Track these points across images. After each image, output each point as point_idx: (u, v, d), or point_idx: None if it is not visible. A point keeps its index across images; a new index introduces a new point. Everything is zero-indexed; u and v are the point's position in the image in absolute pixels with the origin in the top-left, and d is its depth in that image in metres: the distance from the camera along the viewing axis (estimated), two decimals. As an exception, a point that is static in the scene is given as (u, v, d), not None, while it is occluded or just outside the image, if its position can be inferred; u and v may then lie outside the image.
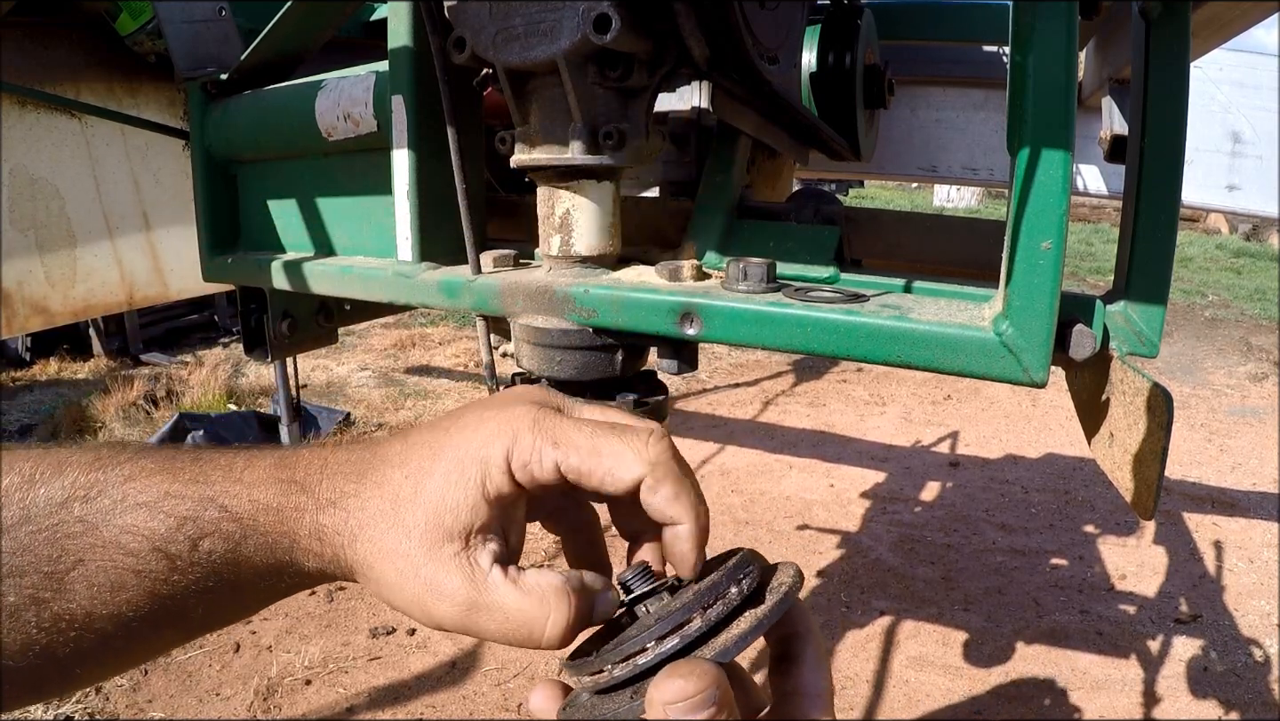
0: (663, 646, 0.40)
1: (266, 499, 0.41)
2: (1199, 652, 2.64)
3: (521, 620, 0.41)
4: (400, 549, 0.40)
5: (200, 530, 0.40)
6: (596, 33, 0.56)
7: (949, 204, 12.78)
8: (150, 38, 1.17)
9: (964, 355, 0.55)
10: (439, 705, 2.35)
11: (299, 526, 0.42)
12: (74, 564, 0.38)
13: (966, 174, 1.55)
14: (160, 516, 0.39)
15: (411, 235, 0.83)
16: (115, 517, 0.39)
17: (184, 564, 0.40)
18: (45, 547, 0.37)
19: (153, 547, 0.39)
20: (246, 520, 0.41)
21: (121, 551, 0.39)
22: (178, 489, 0.40)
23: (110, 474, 0.40)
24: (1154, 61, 0.65)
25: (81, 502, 0.39)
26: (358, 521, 0.41)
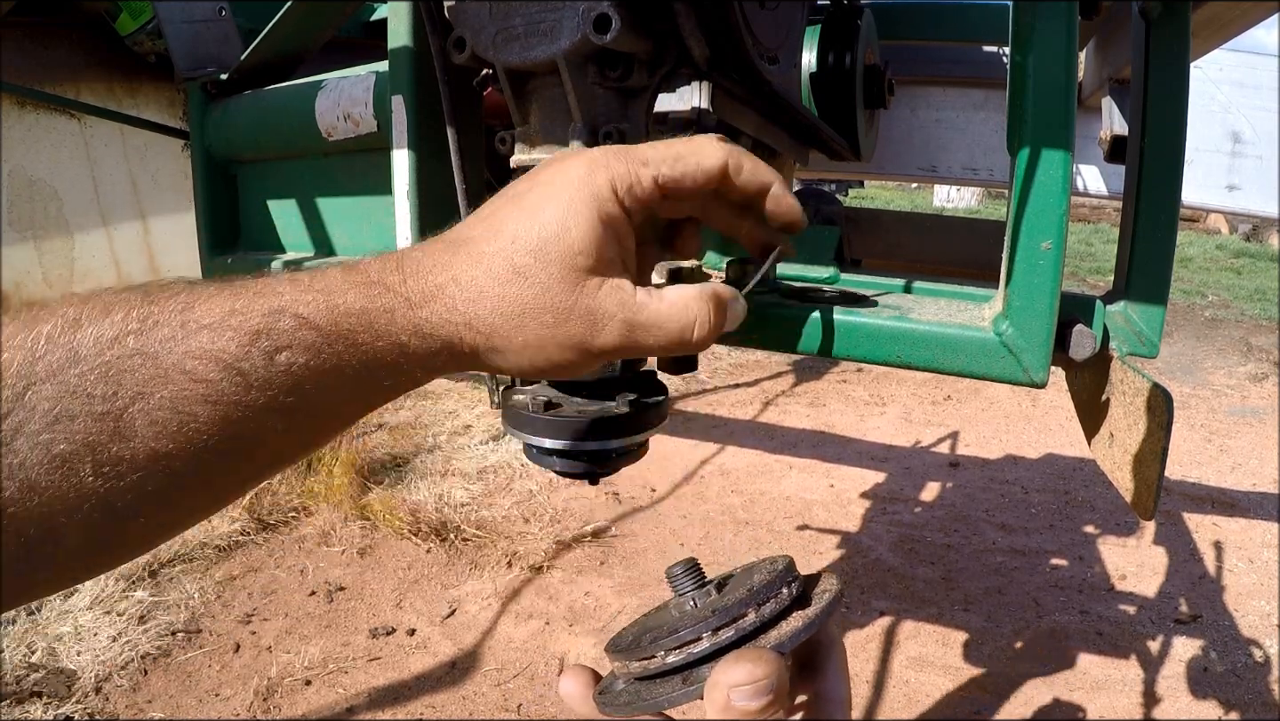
0: (719, 636, 0.42)
1: (347, 303, 0.39)
2: (1199, 652, 2.64)
3: (675, 326, 0.43)
4: (541, 302, 0.41)
5: (275, 343, 0.37)
6: (596, 33, 0.56)
7: (949, 204, 12.78)
8: (150, 38, 1.17)
9: (964, 355, 0.55)
10: (439, 705, 2.35)
11: (393, 326, 0.40)
12: (132, 399, 0.34)
13: (966, 174, 1.55)
14: (228, 334, 0.36)
15: (411, 235, 0.83)
16: (177, 345, 0.35)
17: (260, 380, 0.36)
18: (98, 386, 0.34)
19: (224, 367, 0.36)
20: (326, 327, 0.38)
21: (187, 378, 0.35)
22: (243, 305, 0.37)
23: (164, 305, 0.36)
24: (1154, 61, 0.65)
25: (136, 336, 0.35)
26: (474, 297, 0.41)
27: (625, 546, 3.24)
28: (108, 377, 0.34)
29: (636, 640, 0.46)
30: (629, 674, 0.45)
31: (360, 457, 3.60)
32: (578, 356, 0.43)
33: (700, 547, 3.25)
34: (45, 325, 0.34)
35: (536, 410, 0.67)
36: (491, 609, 2.80)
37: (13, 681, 2.27)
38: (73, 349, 0.34)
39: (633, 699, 0.43)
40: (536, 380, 0.43)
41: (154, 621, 2.62)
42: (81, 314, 0.35)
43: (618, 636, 0.49)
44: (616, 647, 0.47)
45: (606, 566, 3.10)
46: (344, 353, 0.39)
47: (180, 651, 2.52)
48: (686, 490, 3.75)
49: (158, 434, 0.35)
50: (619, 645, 0.47)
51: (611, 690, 0.45)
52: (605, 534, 3.33)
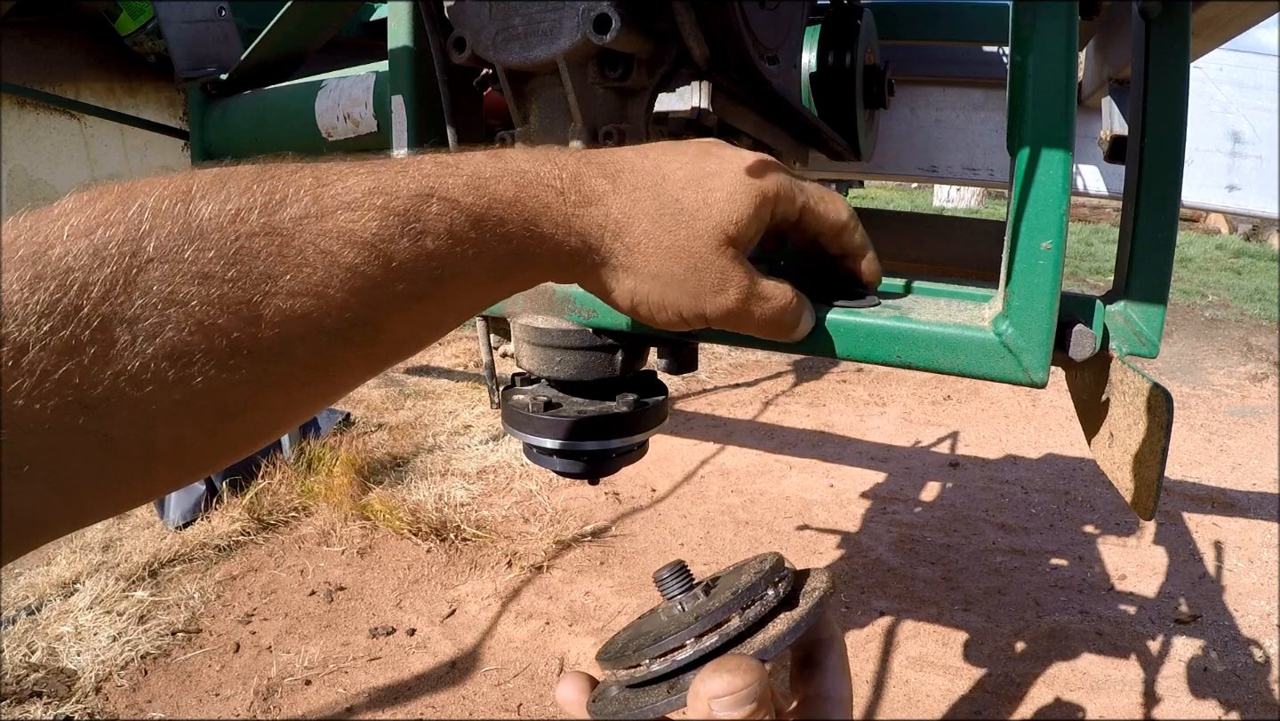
0: (702, 643, 0.41)
1: (500, 190, 0.38)
2: (1199, 652, 2.64)
3: (780, 304, 0.49)
4: (690, 247, 0.45)
5: (423, 225, 0.35)
6: (596, 33, 0.56)
7: (949, 204, 12.78)
8: (150, 38, 1.17)
9: (964, 355, 0.55)
10: (439, 705, 2.35)
11: (544, 220, 0.40)
12: (259, 280, 0.31)
13: (966, 174, 1.55)
14: (371, 214, 0.33)
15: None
16: (312, 224, 0.32)
17: (404, 264, 0.34)
18: (218, 266, 0.30)
19: (368, 249, 0.33)
20: (479, 213, 0.36)
21: (326, 259, 0.32)
22: (386, 183, 0.35)
23: (290, 181, 0.33)
24: (1154, 61, 0.65)
25: (262, 211, 0.32)
26: (626, 217, 0.43)
27: (625, 546, 3.24)
28: (229, 257, 0.30)
29: (625, 647, 0.45)
30: (619, 681, 0.45)
31: (360, 457, 3.60)
32: (693, 306, 0.46)
33: (700, 547, 3.25)
34: (147, 197, 0.30)
35: (536, 410, 0.67)
36: (491, 609, 2.80)
37: (13, 681, 2.27)
38: (187, 224, 0.30)
39: (620, 707, 0.43)
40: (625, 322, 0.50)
41: (154, 621, 2.62)
42: (193, 186, 0.31)
43: (609, 643, 0.48)
44: (606, 655, 0.46)
45: (606, 566, 3.10)
46: (491, 240, 0.37)
47: (180, 651, 2.52)
48: (686, 490, 3.75)
49: (285, 319, 0.31)
50: (608, 653, 0.47)
51: (605, 696, 0.45)
52: (605, 534, 3.33)
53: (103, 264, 0.28)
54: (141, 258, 0.28)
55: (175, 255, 0.29)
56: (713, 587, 0.46)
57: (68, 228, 0.28)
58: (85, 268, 0.27)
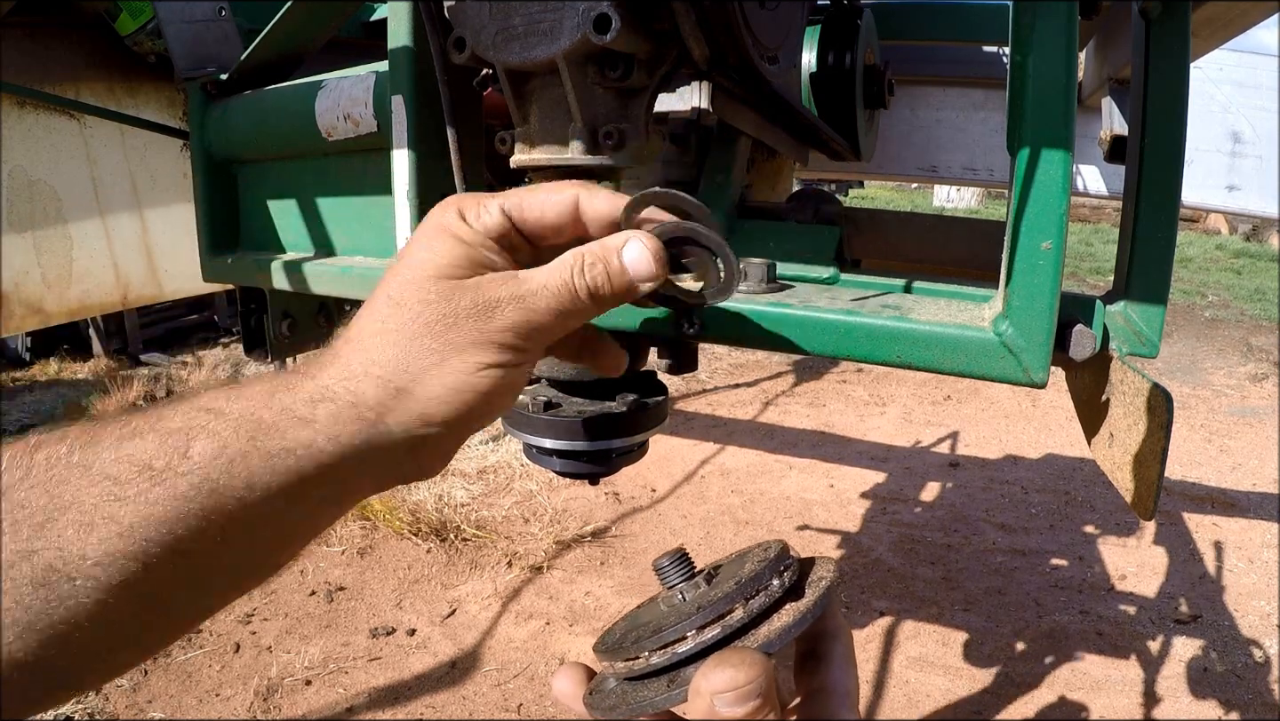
0: (704, 635, 0.39)
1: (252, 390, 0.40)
2: (1199, 653, 2.64)
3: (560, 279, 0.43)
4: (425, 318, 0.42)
5: (189, 437, 0.38)
6: (596, 33, 0.56)
7: (949, 204, 12.78)
8: (150, 38, 1.17)
9: (964, 355, 0.55)
10: (439, 705, 2.35)
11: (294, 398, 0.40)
12: (65, 507, 0.35)
13: (966, 174, 1.55)
14: (151, 436, 0.38)
15: (411, 235, 0.83)
16: (109, 453, 0.37)
17: (170, 475, 0.37)
18: (39, 498, 0.35)
19: (140, 467, 0.37)
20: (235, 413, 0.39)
21: (111, 481, 0.36)
22: (170, 410, 0.39)
23: (111, 425, 0.38)
24: (1154, 61, 0.65)
25: (81, 450, 0.37)
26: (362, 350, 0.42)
27: (625, 546, 3.24)
28: (48, 490, 0.36)
29: (623, 638, 0.43)
30: (617, 673, 0.43)
31: (360, 457, 3.60)
32: (486, 353, 0.42)
33: (700, 547, 3.25)
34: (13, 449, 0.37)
35: (537, 410, 0.67)
36: (491, 609, 2.80)
37: (13, 681, 2.27)
38: (26, 466, 0.36)
39: (618, 701, 0.41)
40: (467, 424, 0.43)
41: (154, 621, 2.62)
42: (39, 439, 0.38)
43: (606, 634, 0.46)
44: (604, 646, 0.44)
45: (606, 566, 3.10)
46: (253, 437, 0.39)
47: (180, 651, 2.52)
48: (686, 490, 3.75)
49: (83, 538, 0.35)
50: (606, 643, 0.45)
51: (602, 689, 0.44)
52: (605, 534, 3.33)
53: None
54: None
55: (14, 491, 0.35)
56: (715, 576, 0.44)
57: None
58: None
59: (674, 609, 0.43)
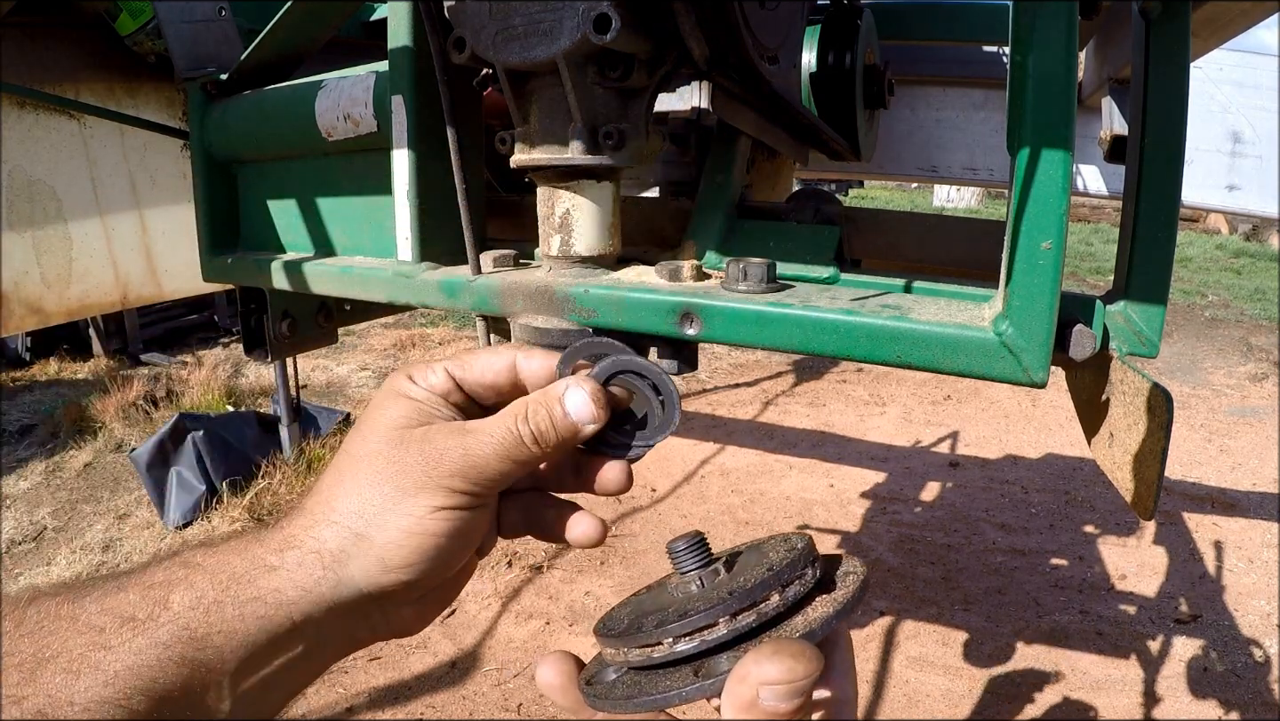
0: (738, 622, 0.36)
1: (228, 544, 0.43)
2: (1199, 652, 2.64)
3: (503, 425, 0.45)
4: (376, 466, 0.44)
5: (168, 589, 0.41)
6: (596, 33, 0.56)
7: (949, 204, 12.78)
8: (150, 38, 1.16)
9: (964, 355, 0.55)
10: (439, 705, 2.35)
11: (264, 547, 0.43)
12: (53, 656, 0.38)
13: (966, 174, 1.55)
14: (134, 589, 0.41)
15: (411, 235, 0.83)
16: (95, 605, 0.40)
17: (150, 625, 0.39)
18: (27, 646, 0.38)
19: (123, 619, 0.39)
20: (211, 566, 0.42)
21: (95, 631, 0.38)
22: (152, 568, 0.42)
23: (98, 583, 0.41)
24: (1154, 61, 0.65)
25: (70, 603, 0.40)
26: (323, 502, 0.45)
27: (625, 546, 3.24)
28: (35, 639, 0.38)
29: (635, 624, 0.39)
30: (624, 662, 0.39)
31: (360, 457, 3.60)
32: (435, 496, 0.43)
33: (700, 547, 3.25)
34: (10, 602, 0.39)
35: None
36: (491, 608, 2.80)
37: (13, 681, 2.27)
38: (20, 619, 0.38)
39: (632, 692, 0.37)
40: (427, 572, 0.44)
41: (154, 621, 2.62)
42: (39, 592, 0.40)
43: (609, 618, 0.43)
44: (610, 631, 0.40)
45: (606, 566, 3.10)
46: (226, 587, 0.41)
47: (180, 651, 2.52)
48: (686, 490, 3.75)
49: (69, 685, 0.37)
50: (612, 628, 0.41)
51: (601, 680, 0.40)
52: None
53: None
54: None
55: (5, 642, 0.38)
56: (733, 565, 0.42)
57: None
58: None
59: (694, 595, 0.40)
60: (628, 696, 0.37)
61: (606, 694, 0.38)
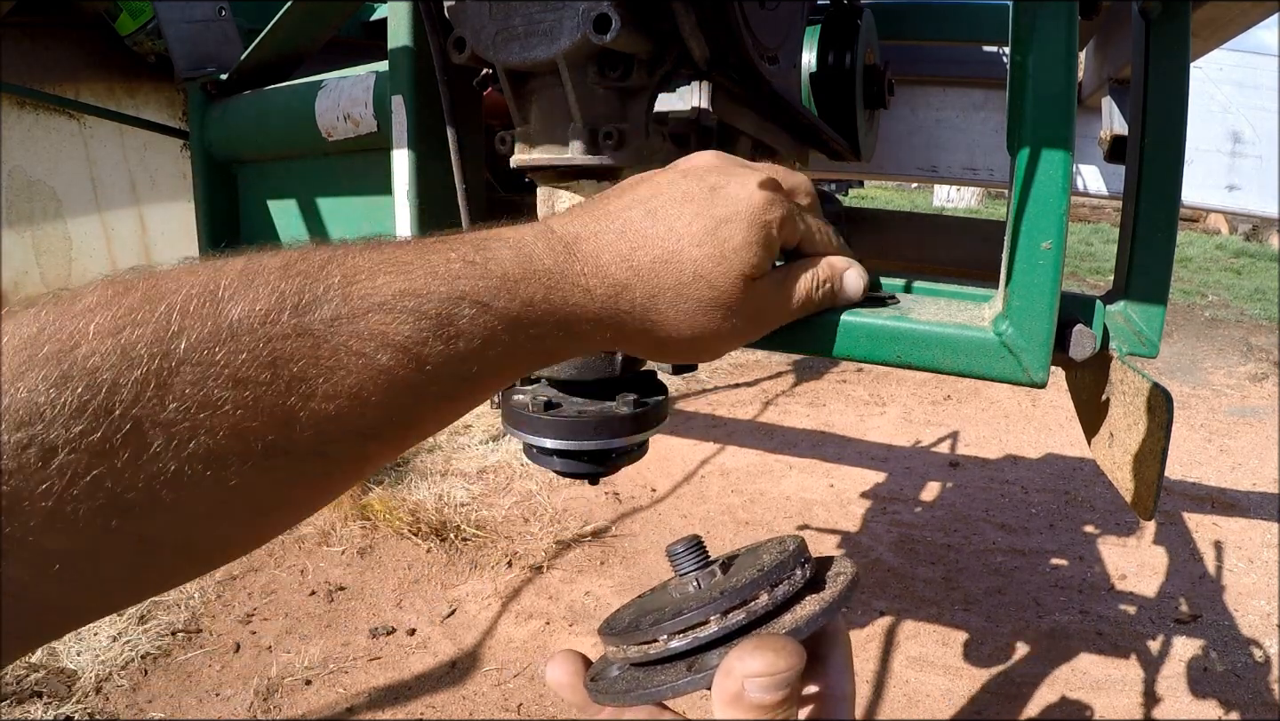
0: (728, 620, 0.38)
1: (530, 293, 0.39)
2: (1199, 652, 2.64)
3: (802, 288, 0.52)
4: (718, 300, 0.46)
5: (456, 329, 0.35)
6: (596, 33, 0.56)
7: (949, 204, 12.77)
8: (150, 38, 1.17)
9: (964, 355, 0.55)
10: (439, 705, 2.35)
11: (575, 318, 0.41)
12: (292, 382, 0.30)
13: (966, 174, 1.55)
14: (404, 317, 0.34)
15: (411, 235, 0.83)
16: (343, 325, 0.32)
17: (437, 366, 0.34)
18: (250, 369, 0.30)
19: (401, 352, 0.33)
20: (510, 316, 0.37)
21: (360, 361, 0.32)
22: (418, 286, 0.35)
23: (318, 279, 0.33)
24: (1154, 61, 0.65)
25: (293, 312, 0.31)
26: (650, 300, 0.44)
27: (625, 546, 3.24)
28: (262, 360, 0.30)
29: (635, 622, 0.41)
30: (626, 659, 0.41)
31: (360, 457, 3.60)
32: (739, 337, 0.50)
33: (700, 547, 3.25)
34: (175, 295, 0.29)
35: (537, 410, 0.67)
36: (492, 609, 2.80)
37: (13, 681, 2.27)
38: (217, 326, 0.29)
39: (630, 686, 0.39)
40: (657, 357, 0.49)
41: (154, 621, 2.62)
42: (220, 284, 0.30)
43: (613, 618, 0.45)
44: (612, 630, 0.42)
45: (606, 566, 3.10)
46: (523, 340, 0.38)
47: (180, 651, 2.52)
48: (686, 490, 3.75)
49: (320, 421, 0.31)
50: (615, 627, 0.43)
51: (605, 676, 0.42)
52: (605, 534, 3.33)
53: (132, 365, 0.27)
54: (172, 360, 0.28)
55: (207, 358, 0.28)
56: (729, 566, 0.43)
57: (93, 325, 0.27)
58: (114, 367, 0.27)
59: (691, 594, 0.42)
60: (626, 690, 0.39)
61: (608, 689, 0.40)
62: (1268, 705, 2.40)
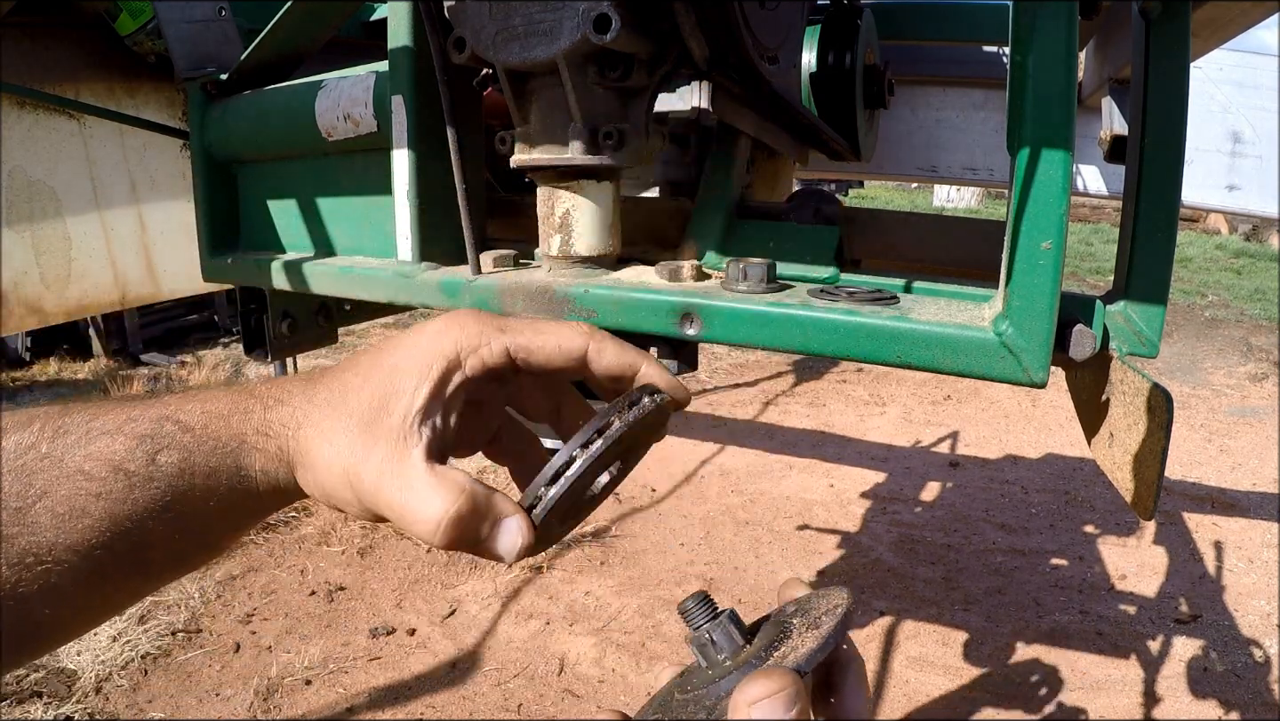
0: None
1: (218, 407, 0.44)
2: (1199, 652, 2.64)
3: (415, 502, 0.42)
4: (340, 426, 0.43)
5: (157, 444, 0.42)
6: (596, 33, 0.56)
7: (949, 204, 12.77)
8: (150, 38, 1.16)
9: (964, 355, 0.55)
10: (439, 705, 2.35)
11: (246, 425, 0.44)
12: (39, 496, 0.39)
13: (966, 174, 1.55)
14: (120, 439, 0.42)
15: (411, 235, 0.83)
16: (79, 449, 0.41)
17: (141, 479, 0.41)
18: (12, 484, 0.39)
19: (113, 468, 0.41)
20: (199, 428, 0.43)
21: (84, 477, 0.40)
22: (137, 413, 0.43)
23: (76, 416, 0.42)
24: (1154, 61, 0.65)
25: (49, 441, 0.41)
26: (303, 411, 0.44)
27: (625, 546, 3.24)
28: (20, 477, 0.39)
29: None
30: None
31: (360, 457, 3.60)
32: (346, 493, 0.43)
33: (700, 547, 3.25)
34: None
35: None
36: (492, 609, 2.80)
37: (13, 681, 2.27)
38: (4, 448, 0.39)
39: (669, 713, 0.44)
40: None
41: (154, 621, 2.62)
42: (8, 424, 0.41)
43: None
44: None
45: (607, 566, 3.10)
46: (210, 452, 0.43)
47: (180, 651, 2.52)
48: (686, 490, 3.75)
49: (57, 527, 0.39)
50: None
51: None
52: (605, 534, 3.33)
53: None
54: None
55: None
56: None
57: None
58: None
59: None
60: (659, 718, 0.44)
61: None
62: (1268, 705, 2.40)
